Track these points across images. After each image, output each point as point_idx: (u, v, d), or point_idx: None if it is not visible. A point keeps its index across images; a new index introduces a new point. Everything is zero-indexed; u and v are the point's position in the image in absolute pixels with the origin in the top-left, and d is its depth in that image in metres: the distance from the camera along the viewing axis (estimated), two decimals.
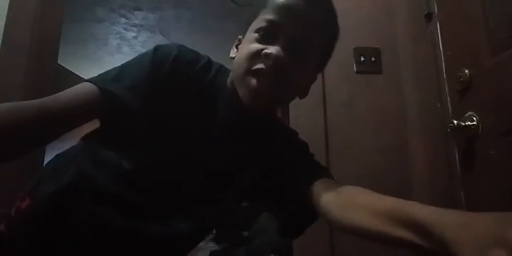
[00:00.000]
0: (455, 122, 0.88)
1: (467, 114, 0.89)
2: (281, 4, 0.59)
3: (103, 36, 3.85)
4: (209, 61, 0.66)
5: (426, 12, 1.11)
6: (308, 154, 0.71)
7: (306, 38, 0.59)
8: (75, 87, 0.57)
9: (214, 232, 2.13)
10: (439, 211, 0.37)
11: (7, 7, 1.22)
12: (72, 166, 0.58)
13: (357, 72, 1.27)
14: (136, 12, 3.32)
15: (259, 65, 0.56)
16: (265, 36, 0.58)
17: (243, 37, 0.64)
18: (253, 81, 0.56)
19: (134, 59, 0.63)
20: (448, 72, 1.01)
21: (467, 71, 0.90)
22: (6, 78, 1.18)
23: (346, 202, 0.54)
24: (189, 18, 3.38)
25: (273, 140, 0.69)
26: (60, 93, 0.56)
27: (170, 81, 0.59)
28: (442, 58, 1.03)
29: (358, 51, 1.28)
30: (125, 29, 3.66)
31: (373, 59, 1.28)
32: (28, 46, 1.24)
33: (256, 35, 0.59)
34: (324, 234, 1.14)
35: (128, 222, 0.56)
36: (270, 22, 0.58)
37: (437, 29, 1.06)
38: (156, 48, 0.61)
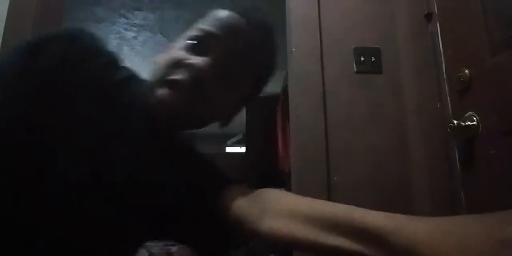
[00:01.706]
0: (455, 122, 0.88)
1: (467, 114, 0.89)
2: (221, 18, 0.54)
3: (103, 36, 3.85)
4: (118, 59, 0.56)
5: (426, 12, 1.11)
6: (212, 166, 0.64)
7: (240, 57, 0.53)
8: None
9: None
10: (395, 217, 0.34)
11: (7, 7, 1.22)
12: None
13: (357, 72, 1.27)
14: (136, 12, 3.32)
15: (177, 76, 0.49)
16: (196, 46, 0.52)
17: (173, 44, 0.57)
18: (165, 92, 0.49)
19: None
20: (448, 72, 1.01)
21: (467, 71, 0.90)
22: None
23: (269, 209, 0.45)
24: (189, 18, 3.37)
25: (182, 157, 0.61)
26: None
27: (56, 73, 0.46)
28: (442, 58, 1.03)
29: (358, 51, 1.28)
30: (125, 29, 3.66)
31: (373, 59, 1.28)
32: None
33: (186, 43, 0.54)
34: None
35: None
36: (205, 32, 0.53)
37: (437, 29, 1.06)
38: (41, 36, 0.48)
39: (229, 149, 6.99)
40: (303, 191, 1.17)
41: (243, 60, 0.54)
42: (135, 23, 3.53)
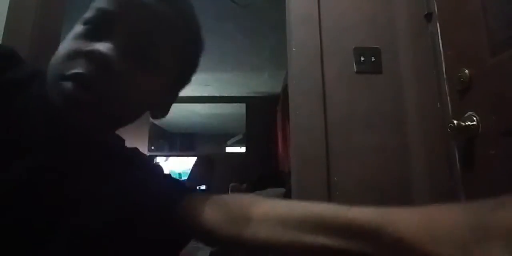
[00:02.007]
0: (455, 122, 0.88)
1: (467, 114, 0.89)
2: None
3: None
4: (15, 54, 0.49)
5: (426, 12, 1.11)
6: (157, 174, 0.57)
7: (151, 35, 0.46)
8: None
9: None
10: (382, 210, 0.33)
11: (7, 7, 1.22)
12: None
13: (357, 72, 1.27)
14: None
15: (76, 69, 0.41)
16: (94, 30, 0.45)
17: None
18: (68, 86, 0.41)
19: None
20: (448, 72, 1.01)
21: (467, 71, 0.90)
22: None
23: (239, 215, 0.41)
24: None
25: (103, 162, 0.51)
26: None
27: None
28: (442, 58, 1.03)
29: (358, 51, 1.28)
30: None
31: (373, 59, 1.28)
32: (28, 46, 1.24)
33: (82, 28, 0.46)
34: None
35: None
36: (101, 11, 0.45)
37: (437, 29, 1.06)
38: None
39: (229, 149, 6.99)
40: (303, 191, 1.17)
41: (155, 38, 0.46)
42: None
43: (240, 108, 5.21)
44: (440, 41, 1.05)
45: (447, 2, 1.04)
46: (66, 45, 0.45)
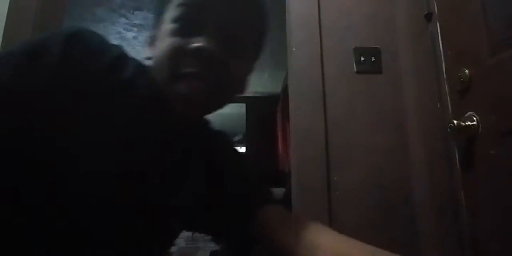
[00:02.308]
0: (455, 122, 0.88)
1: (467, 114, 0.89)
2: None
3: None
4: (123, 54, 0.51)
5: (426, 12, 1.11)
6: (246, 171, 0.63)
7: (238, 21, 0.48)
8: None
9: None
10: None
11: (7, 7, 1.22)
12: None
13: (357, 72, 1.27)
14: (136, 12, 3.32)
15: (188, 68, 0.45)
16: (186, 25, 0.46)
17: (157, 32, 0.51)
18: (183, 88, 0.45)
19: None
20: (448, 72, 1.01)
21: (467, 71, 0.90)
22: None
23: (309, 245, 0.45)
24: None
25: (209, 149, 0.59)
26: None
27: (62, 77, 0.42)
28: (442, 58, 1.03)
29: (358, 51, 1.28)
30: (125, 29, 3.66)
31: (373, 59, 1.28)
32: None
33: (173, 26, 0.47)
34: None
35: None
36: (189, 6, 0.47)
37: (437, 29, 1.06)
38: (42, 36, 0.45)
39: None
40: (303, 191, 1.17)
41: (243, 25, 0.49)
42: (135, 23, 3.53)
43: (240, 108, 5.21)
44: (440, 41, 1.05)
45: (447, 2, 1.04)
46: (165, 44, 0.47)
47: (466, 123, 0.87)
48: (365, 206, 1.16)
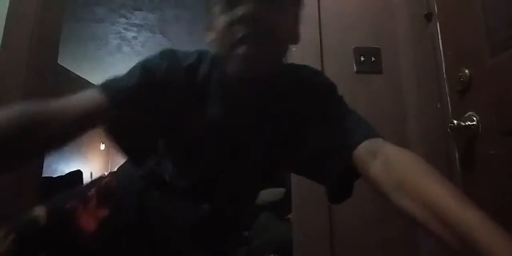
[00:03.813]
0: (455, 122, 0.88)
1: (467, 114, 0.89)
2: None
3: (103, 36, 3.85)
4: (200, 55, 0.63)
5: (426, 12, 1.11)
6: (341, 103, 0.68)
7: None
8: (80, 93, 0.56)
9: None
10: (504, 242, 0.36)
11: (7, 7, 1.22)
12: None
13: (357, 72, 1.27)
14: (136, 12, 3.32)
15: (240, 34, 0.53)
16: (229, 2, 0.55)
17: (210, 16, 0.60)
18: (242, 50, 0.53)
19: (128, 72, 0.61)
20: (448, 72, 1.01)
21: (467, 71, 0.90)
22: (6, 78, 1.19)
23: (399, 184, 0.49)
24: (189, 18, 3.37)
25: (292, 88, 0.66)
26: (71, 97, 0.54)
27: (171, 91, 0.59)
28: (442, 58, 1.03)
29: (358, 51, 1.28)
30: (125, 29, 3.66)
31: (373, 59, 1.28)
32: (28, 46, 1.24)
33: (219, 7, 0.56)
34: (324, 234, 1.14)
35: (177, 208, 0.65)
36: None
37: (437, 29, 1.06)
38: (144, 63, 0.60)
39: None
40: (303, 191, 1.17)
41: None
42: (135, 23, 3.53)
43: None
44: (440, 41, 1.05)
45: (447, 2, 1.04)
46: (217, 23, 0.56)
47: (466, 123, 0.87)
48: (365, 205, 1.16)
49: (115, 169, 0.81)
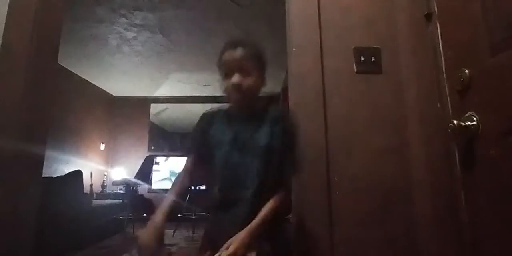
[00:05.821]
0: (455, 122, 0.88)
1: (467, 114, 0.88)
2: (224, 55, 1.03)
3: (103, 36, 3.85)
4: (219, 110, 1.15)
5: (426, 12, 1.11)
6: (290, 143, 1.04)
7: (244, 61, 1.01)
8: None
9: None
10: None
11: (7, 7, 1.22)
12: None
13: (357, 72, 1.28)
14: (136, 12, 3.32)
15: (233, 90, 1.01)
16: (227, 73, 1.02)
17: (221, 80, 1.06)
18: (235, 96, 1.03)
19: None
20: (448, 72, 1.01)
21: (467, 71, 0.90)
22: (6, 78, 1.19)
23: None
24: (189, 18, 3.38)
25: (267, 122, 1.05)
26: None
27: (204, 132, 1.11)
28: (442, 58, 1.03)
29: (358, 51, 1.28)
30: (125, 29, 3.66)
31: (373, 59, 1.28)
32: (28, 46, 1.24)
33: (222, 76, 1.05)
34: (324, 233, 1.14)
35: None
36: (223, 64, 1.03)
37: (437, 29, 1.06)
38: (198, 122, 1.15)
39: None
40: (303, 191, 1.17)
41: (246, 60, 1.02)
42: (135, 23, 3.53)
43: None
44: (440, 41, 1.05)
45: (447, 2, 1.04)
46: (223, 84, 1.04)
47: (466, 123, 0.87)
48: (365, 206, 1.17)
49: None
